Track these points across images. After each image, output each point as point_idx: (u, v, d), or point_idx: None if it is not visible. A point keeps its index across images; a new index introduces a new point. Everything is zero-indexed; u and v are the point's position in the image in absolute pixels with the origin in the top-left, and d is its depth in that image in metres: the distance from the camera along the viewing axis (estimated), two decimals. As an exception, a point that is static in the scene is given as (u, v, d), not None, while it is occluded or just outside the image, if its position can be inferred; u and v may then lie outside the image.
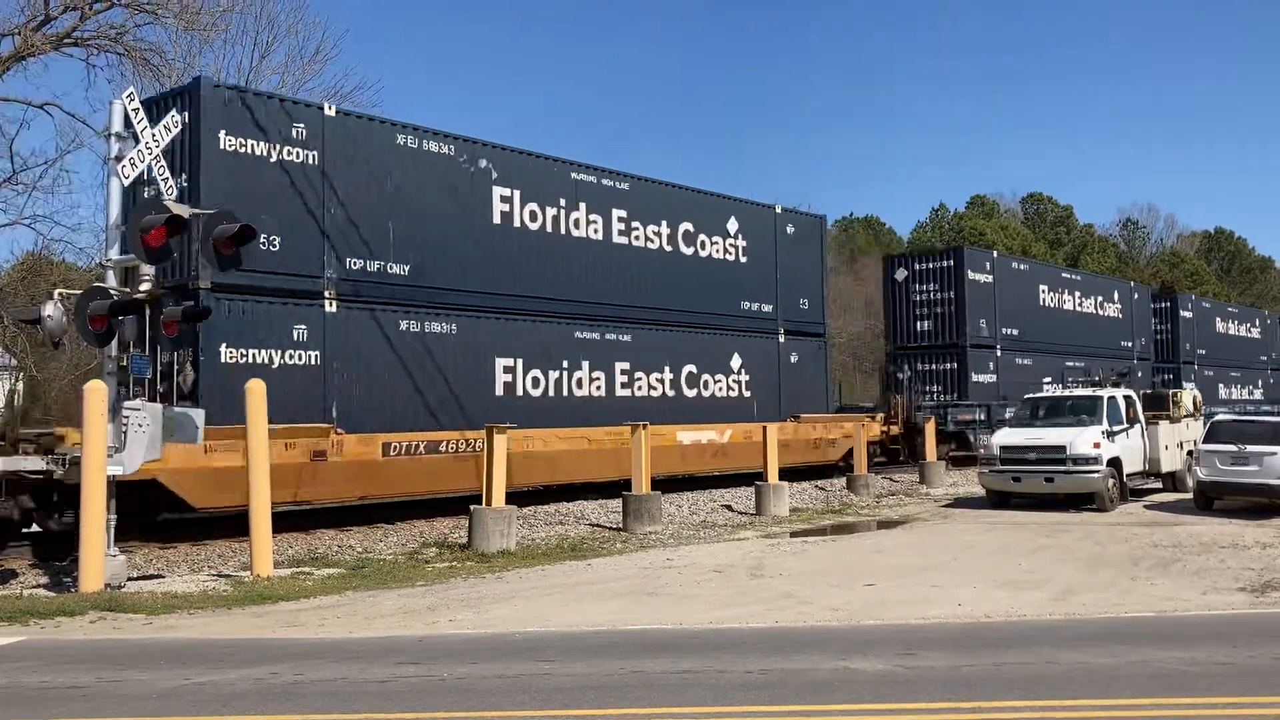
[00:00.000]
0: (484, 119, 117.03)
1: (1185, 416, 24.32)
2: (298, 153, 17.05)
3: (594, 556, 15.12)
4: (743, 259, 25.58)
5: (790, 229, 27.11)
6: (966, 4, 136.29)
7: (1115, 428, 21.30)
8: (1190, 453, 23.28)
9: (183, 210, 12.41)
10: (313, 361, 16.88)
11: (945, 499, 23.66)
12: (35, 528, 15.08)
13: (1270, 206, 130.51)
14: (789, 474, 23.25)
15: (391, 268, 18.22)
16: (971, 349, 32.45)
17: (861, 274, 58.99)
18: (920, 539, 16.72)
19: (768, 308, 26.14)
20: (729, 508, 21.35)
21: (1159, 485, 23.58)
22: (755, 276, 25.83)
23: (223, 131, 16.03)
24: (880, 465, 29.55)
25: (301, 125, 17.08)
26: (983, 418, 31.71)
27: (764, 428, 22.49)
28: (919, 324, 33.20)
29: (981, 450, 23.26)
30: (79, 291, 12.37)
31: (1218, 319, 48.37)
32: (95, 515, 11.93)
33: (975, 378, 32.46)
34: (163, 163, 13.25)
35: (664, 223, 23.52)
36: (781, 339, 26.33)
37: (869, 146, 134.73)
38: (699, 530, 18.37)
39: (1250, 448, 19.30)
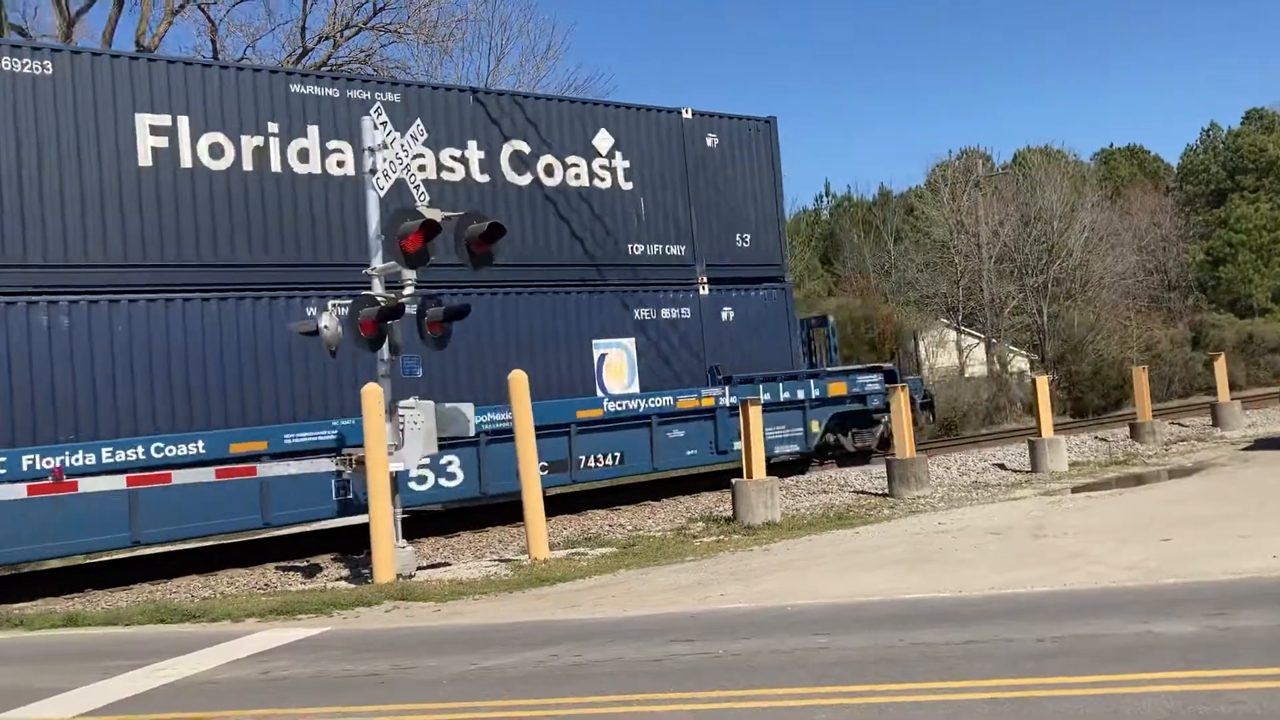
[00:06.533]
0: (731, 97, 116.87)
1: None
2: None
3: (861, 524, 14.77)
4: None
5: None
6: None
7: None
8: None
9: (435, 214, 12.95)
10: None
11: (1243, 441, 21.68)
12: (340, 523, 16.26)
13: None
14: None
15: None
16: None
17: (1127, 207, 55.24)
18: (1219, 486, 15.35)
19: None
20: (1001, 466, 20.38)
21: None
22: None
23: None
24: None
25: None
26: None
27: (1033, 379, 21.34)
28: None
29: None
30: (349, 301, 13.11)
31: None
32: (382, 510, 12.66)
33: None
34: (413, 171, 13.88)
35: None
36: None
37: (1128, 71, 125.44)
38: (970, 491, 17.62)
39: None
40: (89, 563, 16.02)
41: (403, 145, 13.55)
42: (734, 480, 16.03)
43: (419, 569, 13.42)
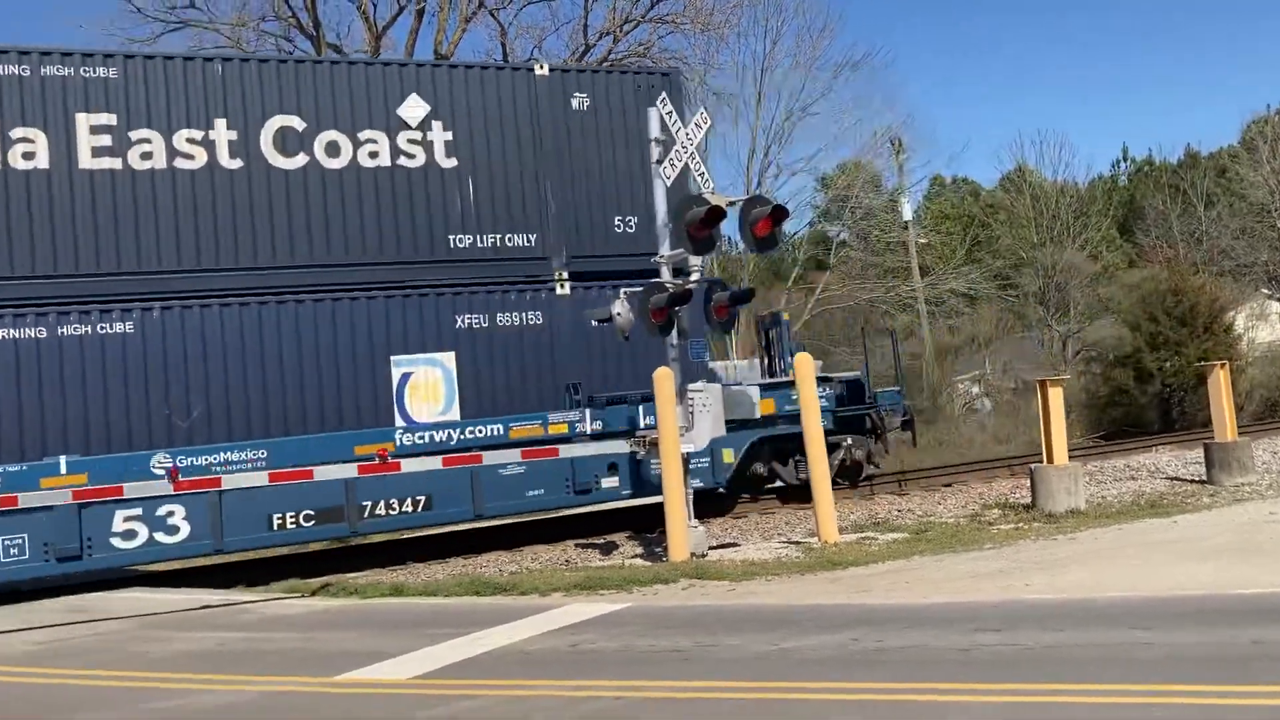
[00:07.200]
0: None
1: None
2: None
3: (1177, 513, 13.76)
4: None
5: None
6: None
7: None
8: None
9: (721, 201, 13.12)
10: None
11: None
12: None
13: None
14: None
15: None
16: None
17: None
18: None
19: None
20: (1340, 450, 18.48)
21: None
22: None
23: None
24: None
25: None
26: None
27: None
28: None
29: None
30: (640, 288, 13.50)
31: None
32: (675, 490, 12.98)
33: None
34: (698, 159, 14.07)
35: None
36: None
37: None
38: (1304, 479, 16.07)
39: None
40: (408, 538, 17.34)
41: (687, 135, 13.78)
42: (1033, 465, 15.33)
43: (710, 548, 13.67)
